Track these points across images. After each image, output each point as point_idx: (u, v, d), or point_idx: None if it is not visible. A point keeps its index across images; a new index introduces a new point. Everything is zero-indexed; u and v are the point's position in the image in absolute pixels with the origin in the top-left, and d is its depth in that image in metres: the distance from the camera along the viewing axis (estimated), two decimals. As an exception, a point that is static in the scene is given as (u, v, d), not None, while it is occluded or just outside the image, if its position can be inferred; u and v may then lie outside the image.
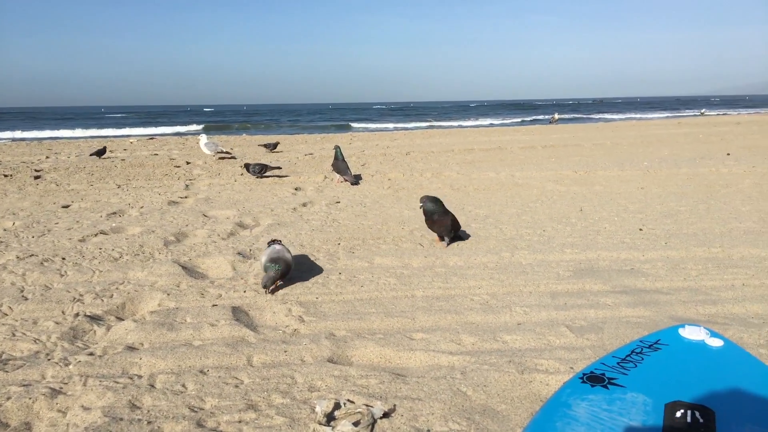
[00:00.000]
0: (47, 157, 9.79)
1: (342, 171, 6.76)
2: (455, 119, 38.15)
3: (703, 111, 36.39)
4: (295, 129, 28.43)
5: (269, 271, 2.82)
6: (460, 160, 9.21)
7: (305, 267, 3.28)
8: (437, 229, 3.73)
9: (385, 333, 2.40)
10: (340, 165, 6.79)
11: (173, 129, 29.58)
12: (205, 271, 3.29)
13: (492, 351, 2.22)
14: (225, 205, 5.28)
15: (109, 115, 55.16)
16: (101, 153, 9.76)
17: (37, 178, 7.21)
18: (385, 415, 1.74)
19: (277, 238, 3.91)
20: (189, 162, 8.97)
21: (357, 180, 6.89)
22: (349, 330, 2.43)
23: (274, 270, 2.81)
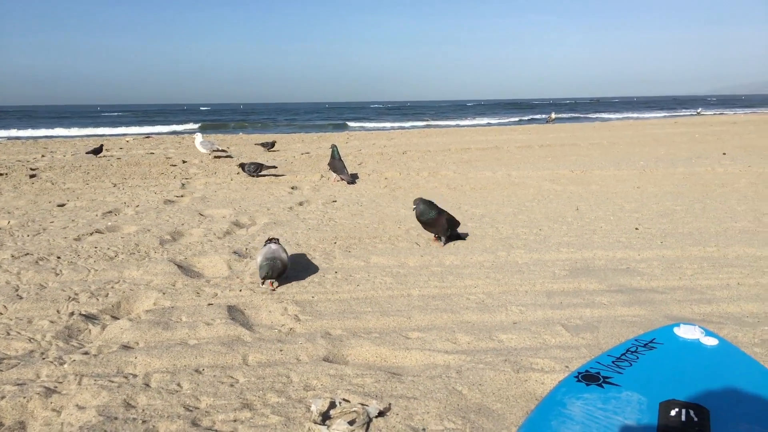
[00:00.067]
0: (43, 156, 9.76)
1: (339, 170, 6.76)
2: (452, 118, 38.15)
3: (700, 110, 36.46)
4: (292, 128, 28.39)
5: (262, 271, 2.84)
6: (456, 159, 9.21)
7: (301, 266, 3.28)
8: (432, 230, 3.74)
9: (381, 332, 2.40)
10: (336, 164, 6.78)
11: (169, 128, 29.51)
12: (201, 270, 3.29)
13: (488, 350, 2.22)
14: (221, 204, 5.28)
15: (105, 114, 54.99)
16: (98, 151, 9.72)
17: (33, 176, 7.19)
18: (381, 414, 1.74)
19: (274, 236, 3.91)
20: (185, 161, 8.96)
21: (353, 179, 6.89)
22: (345, 329, 2.43)
23: (267, 268, 2.83)
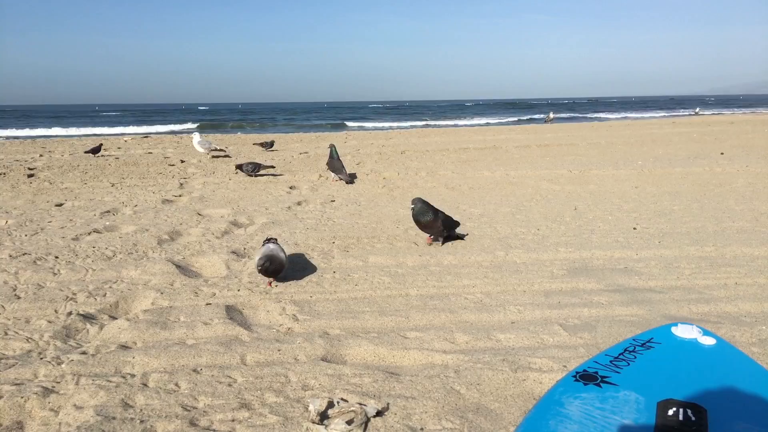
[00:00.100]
0: (41, 156, 9.74)
1: (337, 170, 6.76)
2: (451, 118, 38.14)
3: (698, 110, 36.49)
4: (291, 128, 28.38)
5: (260, 261, 2.84)
6: (455, 159, 9.22)
7: (299, 266, 3.28)
8: (428, 232, 3.72)
9: (379, 332, 2.40)
10: (335, 164, 6.78)
11: (168, 127, 29.46)
12: (199, 270, 3.29)
13: (486, 349, 2.23)
14: (219, 204, 5.27)
15: (104, 113, 54.89)
16: (96, 151, 9.71)
17: (31, 176, 7.17)
18: (379, 414, 1.74)
19: (272, 236, 3.91)
20: (183, 160, 8.95)
21: (352, 179, 6.89)
22: (343, 329, 2.43)
23: (265, 258, 2.83)
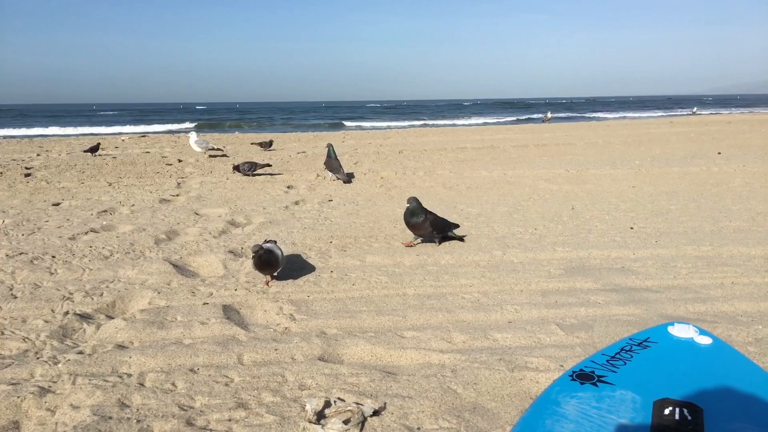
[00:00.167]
0: (38, 155, 9.71)
1: (335, 169, 6.76)
2: (449, 118, 38.14)
3: (695, 110, 36.54)
4: (288, 127, 28.36)
5: (255, 247, 2.81)
6: (452, 158, 9.22)
7: (297, 265, 3.28)
8: (415, 232, 3.67)
9: (376, 331, 2.40)
10: (332, 163, 6.78)
11: (165, 127, 29.42)
12: (196, 270, 3.28)
13: (482, 349, 2.23)
14: (217, 203, 5.26)
15: (101, 113, 54.77)
16: (95, 150, 9.70)
17: (28, 175, 7.16)
18: (376, 413, 1.74)
19: (270, 236, 3.91)
20: (181, 160, 8.94)
21: (349, 178, 6.88)
22: (340, 328, 2.43)
23: (257, 248, 2.81)
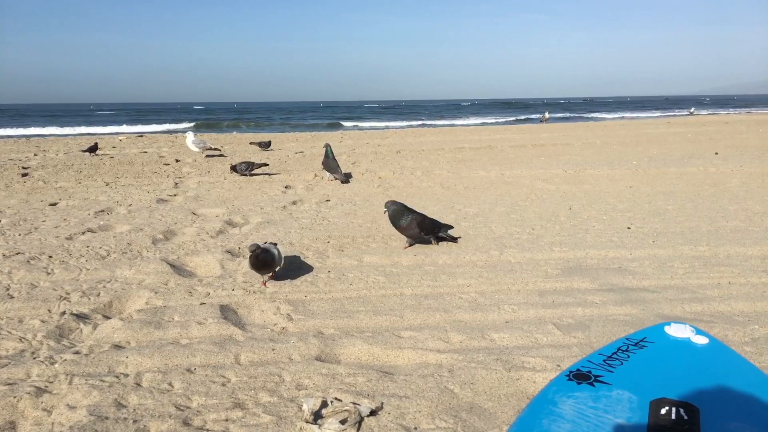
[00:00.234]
0: (35, 155, 9.69)
1: (332, 169, 6.75)
2: (447, 118, 38.16)
3: (693, 110, 36.60)
4: (286, 127, 28.34)
5: (252, 245, 2.82)
6: (450, 158, 9.22)
7: (294, 265, 3.27)
8: (405, 234, 3.64)
9: (374, 331, 2.40)
10: (330, 163, 6.78)
11: (163, 127, 29.38)
12: (194, 270, 3.28)
13: (480, 349, 2.23)
14: (214, 203, 5.26)
15: (99, 113, 54.65)
16: (93, 149, 9.69)
17: (25, 175, 7.14)
18: (373, 413, 1.74)
19: (268, 236, 3.91)
20: (178, 160, 8.92)
21: (347, 178, 6.88)
22: (338, 328, 2.43)
23: (254, 246, 2.81)
